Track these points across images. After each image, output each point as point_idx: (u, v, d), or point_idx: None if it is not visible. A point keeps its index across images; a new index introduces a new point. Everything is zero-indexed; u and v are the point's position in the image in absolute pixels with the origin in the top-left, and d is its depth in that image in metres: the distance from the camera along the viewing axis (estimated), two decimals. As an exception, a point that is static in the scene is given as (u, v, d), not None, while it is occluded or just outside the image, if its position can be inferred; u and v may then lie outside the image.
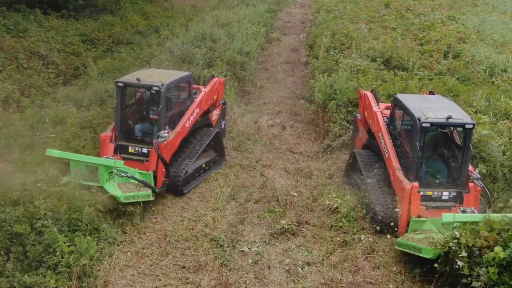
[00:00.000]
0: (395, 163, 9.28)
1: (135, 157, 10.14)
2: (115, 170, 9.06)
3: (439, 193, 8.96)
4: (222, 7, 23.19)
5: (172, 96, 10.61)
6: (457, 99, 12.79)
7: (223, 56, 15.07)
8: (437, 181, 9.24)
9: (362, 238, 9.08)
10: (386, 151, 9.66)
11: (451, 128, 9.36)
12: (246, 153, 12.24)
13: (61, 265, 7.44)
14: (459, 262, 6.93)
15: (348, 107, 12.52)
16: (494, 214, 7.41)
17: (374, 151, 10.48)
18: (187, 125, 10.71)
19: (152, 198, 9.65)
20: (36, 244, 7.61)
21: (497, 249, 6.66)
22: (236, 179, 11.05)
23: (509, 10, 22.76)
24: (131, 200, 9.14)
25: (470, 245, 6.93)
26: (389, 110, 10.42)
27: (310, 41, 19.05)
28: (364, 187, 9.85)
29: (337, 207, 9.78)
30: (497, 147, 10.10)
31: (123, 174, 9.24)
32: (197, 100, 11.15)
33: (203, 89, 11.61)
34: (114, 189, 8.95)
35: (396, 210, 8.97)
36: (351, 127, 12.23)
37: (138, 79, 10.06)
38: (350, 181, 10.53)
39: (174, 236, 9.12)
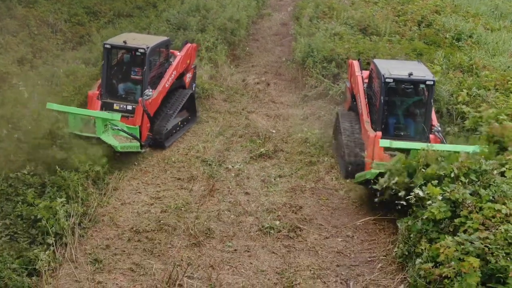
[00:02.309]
0: (365, 117, 10.70)
1: (121, 113, 11.09)
2: (109, 123, 10.26)
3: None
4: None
5: (153, 59, 11.82)
6: (421, 57, 15.20)
7: (215, 23, 17.40)
8: (402, 133, 10.45)
9: (325, 160, 11.54)
10: (361, 108, 11.08)
11: (420, 86, 10.49)
12: (234, 103, 14.56)
13: (79, 170, 9.80)
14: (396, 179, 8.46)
15: (323, 63, 14.91)
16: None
17: (356, 112, 11.73)
18: (166, 85, 11.98)
19: (140, 150, 11.10)
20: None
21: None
22: (224, 121, 13.44)
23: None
24: (125, 150, 10.57)
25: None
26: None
27: (296, 13, 21.35)
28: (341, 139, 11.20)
29: (307, 138, 12.24)
30: (444, 89, 12.48)
31: (115, 127, 10.38)
32: (174, 64, 12.36)
33: (178, 54, 12.78)
34: (110, 139, 10.14)
35: (363, 155, 10.30)
36: (326, 80, 14.57)
37: (124, 42, 11.22)
38: (335, 138, 11.97)
39: (171, 159, 11.53)
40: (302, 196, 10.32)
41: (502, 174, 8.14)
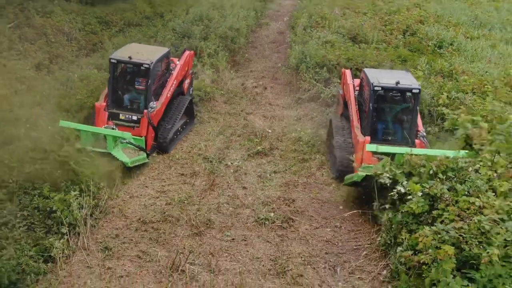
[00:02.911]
0: (356, 122, 10.66)
1: (126, 123, 11.03)
2: (119, 139, 10.17)
3: None
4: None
5: (155, 71, 11.51)
6: (406, 64, 15.32)
7: (216, 32, 17.47)
8: (390, 138, 10.40)
9: (317, 157, 11.62)
10: (352, 114, 11.02)
11: (407, 94, 10.40)
12: (233, 105, 14.63)
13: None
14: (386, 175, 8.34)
15: (316, 69, 14.96)
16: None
17: (347, 119, 11.62)
18: (168, 95, 11.83)
19: (147, 160, 10.88)
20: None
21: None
22: (224, 121, 13.52)
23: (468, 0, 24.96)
24: (135, 164, 10.39)
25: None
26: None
27: (292, 23, 21.41)
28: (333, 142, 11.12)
29: (300, 138, 12.32)
30: (426, 92, 12.55)
31: (124, 141, 10.25)
32: (174, 73, 12.15)
33: (177, 62, 12.51)
34: (121, 155, 10.04)
35: (352, 158, 10.07)
36: (318, 84, 14.62)
37: (129, 57, 10.96)
38: (328, 142, 11.84)
39: (176, 156, 11.62)
40: (295, 190, 10.42)
41: (477, 171, 8.22)
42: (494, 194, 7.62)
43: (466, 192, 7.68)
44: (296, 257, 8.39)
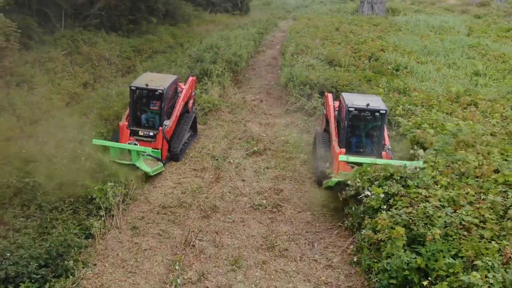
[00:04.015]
0: (334, 137, 10.20)
1: (144, 139, 10.67)
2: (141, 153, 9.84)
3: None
4: (225, 30, 25.39)
5: (167, 95, 10.95)
6: (370, 83, 15.19)
7: (223, 57, 17.35)
8: (361, 150, 10.00)
9: (300, 156, 11.50)
10: (331, 130, 10.58)
11: (376, 114, 9.84)
12: (236, 114, 14.50)
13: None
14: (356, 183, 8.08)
15: (301, 86, 14.81)
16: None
17: (328, 133, 11.13)
18: (177, 114, 11.38)
19: (163, 169, 10.46)
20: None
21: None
22: (228, 127, 13.37)
23: (420, 33, 24.83)
24: (155, 172, 10.05)
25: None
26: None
27: (283, 50, 21.31)
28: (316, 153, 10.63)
29: (288, 140, 12.21)
30: (386, 105, 12.37)
31: (144, 154, 9.96)
32: (181, 96, 11.73)
33: (183, 87, 12.06)
34: (143, 165, 9.76)
35: (327, 167, 9.67)
36: (302, 98, 14.45)
37: (146, 85, 10.56)
38: (313, 153, 11.28)
39: (189, 155, 11.50)
40: (283, 182, 10.32)
41: (423, 169, 8.15)
42: (437, 186, 7.55)
43: (415, 186, 7.61)
44: (282, 235, 8.33)
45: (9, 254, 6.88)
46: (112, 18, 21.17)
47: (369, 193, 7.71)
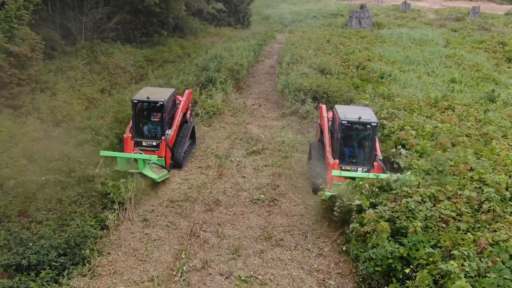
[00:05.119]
0: (328, 148, 9.63)
1: (148, 148, 10.12)
2: (147, 161, 9.41)
3: (355, 169, 9.11)
4: (228, 42, 25.23)
5: (167, 106, 10.42)
6: (358, 89, 15.03)
7: (226, 66, 17.20)
8: (354, 161, 9.49)
9: (295, 155, 11.36)
10: (325, 141, 9.98)
11: (367, 126, 9.29)
12: (237, 117, 14.35)
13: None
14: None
15: (295, 92, 14.66)
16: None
17: (323, 143, 10.46)
18: (177, 124, 10.83)
19: (168, 176, 9.92)
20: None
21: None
22: (230, 129, 13.24)
23: (402, 45, 24.64)
24: (162, 179, 9.54)
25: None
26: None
27: (279, 60, 21.15)
28: (312, 162, 10.04)
29: (283, 141, 12.06)
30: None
31: (150, 162, 9.54)
32: (180, 107, 11.15)
33: (181, 99, 11.48)
34: (150, 173, 9.27)
35: (320, 182, 9.10)
36: (297, 103, 14.32)
37: (148, 97, 10.02)
38: (309, 161, 10.56)
39: (195, 154, 11.37)
40: (279, 178, 10.18)
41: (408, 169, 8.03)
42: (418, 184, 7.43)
43: (399, 186, 7.40)
44: (279, 227, 8.22)
45: (31, 244, 6.80)
46: (127, 31, 21.09)
47: (358, 202, 7.29)
